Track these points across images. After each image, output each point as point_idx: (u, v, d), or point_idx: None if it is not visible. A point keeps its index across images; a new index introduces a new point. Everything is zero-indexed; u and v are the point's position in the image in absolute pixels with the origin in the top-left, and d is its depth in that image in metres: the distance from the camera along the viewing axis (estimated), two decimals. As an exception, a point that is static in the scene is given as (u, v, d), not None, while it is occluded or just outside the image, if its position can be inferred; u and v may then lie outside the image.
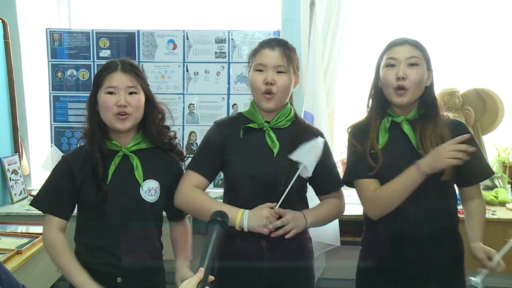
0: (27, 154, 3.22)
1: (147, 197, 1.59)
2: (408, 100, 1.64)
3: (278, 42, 1.66)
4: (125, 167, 1.59)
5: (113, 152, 1.60)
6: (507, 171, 3.01)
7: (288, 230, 1.58)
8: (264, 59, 1.63)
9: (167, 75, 3.09)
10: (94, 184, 1.54)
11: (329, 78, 3.02)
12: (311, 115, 2.87)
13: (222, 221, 1.22)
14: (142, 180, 1.59)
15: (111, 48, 3.10)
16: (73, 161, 1.59)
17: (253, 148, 1.66)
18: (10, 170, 2.95)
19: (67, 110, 3.14)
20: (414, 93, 1.64)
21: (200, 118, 3.11)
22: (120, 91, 1.55)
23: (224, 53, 3.06)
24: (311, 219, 1.66)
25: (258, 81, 1.63)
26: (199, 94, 3.10)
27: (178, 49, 3.08)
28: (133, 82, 1.57)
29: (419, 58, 1.64)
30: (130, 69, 1.58)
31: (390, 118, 1.71)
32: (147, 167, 1.61)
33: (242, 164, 1.65)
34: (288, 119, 1.70)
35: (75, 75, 3.13)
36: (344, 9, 2.98)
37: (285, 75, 1.63)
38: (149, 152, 1.64)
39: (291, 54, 1.66)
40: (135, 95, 1.57)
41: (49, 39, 3.10)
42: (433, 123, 1.66)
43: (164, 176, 1.64)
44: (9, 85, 3.01)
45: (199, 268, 1.13)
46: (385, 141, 1.69)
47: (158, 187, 1.61)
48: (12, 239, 2.24)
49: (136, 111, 1.57)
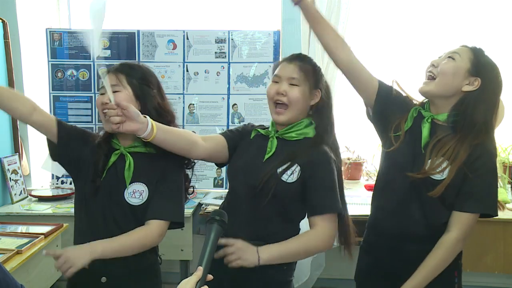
0: (27, 154, 3.22)
1: (130, 199, 1.57)
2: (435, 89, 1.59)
3: (298, 57, 1.67)
4: (120, 166, 1.59)
5: (113, 150, 1.61)
6: (507, 171, 3.00)
7: (230, 260, 1.51)
8: (280, 71, 1.64)
9: (167, 75, 3.09)
10: (90, 175, 1.57)
11: (329, 78, 3.02)
12: (311, 115, 2.86)
13: (220, 220, 1.22)
14: (129, 181, 1.57)
15: (111, 48, 3.10)
16: (93, 139, 1.64)
17: (252, 151, 1.68)
18: (10, 170, 2.94)
19: (67, 110, 3.15)
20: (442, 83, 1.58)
21: (200, 118, 3.11)
22: (108, 90, 1.51)
23: (224, 53, 3.06)
24: (267, 255, 1.51)
25: (271, 91, 1.64)
26: (199, 94, 3.10)
27: (178, 49, 3.08)
28: (116, 80, 1.56)
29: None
30: (121, 69, 1.60)
31: (419, 108, 1.66)
32: (140, 170, 1.58)
33: (235, 163, 1.69)
34: (299, 133, 1.64)
35: (75, 75, 3.13)
36: (344, 9, 2.98)
37: (297, 88, 1.61)
38: (148, 156, 1.61)
39: (310, 68, 1.64)
40: (118, 93, 1.53)
41: (49, 39, 3.11)
42: (462, 140, 1.53)
43: (155, 182, 1.59)
44: (9, 85, 3.00)
45: (198, 267, 1.13)
46: (407, 128, 1.63)
47: (145, 190, 1.58)
48: (12, 239, 2.23)
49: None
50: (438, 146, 1.56)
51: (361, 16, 3.09)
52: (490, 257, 2.64)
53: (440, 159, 1.55)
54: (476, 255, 2.66)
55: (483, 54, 1.61)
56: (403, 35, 3.14)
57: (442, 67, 1.56)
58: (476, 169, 1.54)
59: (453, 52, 1.58)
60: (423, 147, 1.60)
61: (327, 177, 1.59)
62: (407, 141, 1.63)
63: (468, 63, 1.57)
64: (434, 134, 1.59)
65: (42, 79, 3.20)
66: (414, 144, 1.62)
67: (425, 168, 1.56)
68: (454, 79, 1.56)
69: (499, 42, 3.17)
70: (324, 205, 1.58)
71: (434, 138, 1.58)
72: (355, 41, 3.04)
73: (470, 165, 1.54)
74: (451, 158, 1.53)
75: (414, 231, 1.63)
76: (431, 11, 3.18)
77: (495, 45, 3.17)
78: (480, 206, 1.58)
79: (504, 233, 2.62)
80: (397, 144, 1.61)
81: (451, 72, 1.55)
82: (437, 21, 3.18)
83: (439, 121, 1.61)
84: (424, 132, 1.60)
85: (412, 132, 1.64)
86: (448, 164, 1.54)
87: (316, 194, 1.58)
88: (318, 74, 1.67)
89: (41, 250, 2.12)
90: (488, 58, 1.62)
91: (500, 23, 3.17)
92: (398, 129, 1.64)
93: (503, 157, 3.04)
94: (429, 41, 3.16)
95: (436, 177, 1.55)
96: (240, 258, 1.51)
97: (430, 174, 1.55)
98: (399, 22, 3.18)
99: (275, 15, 3.25)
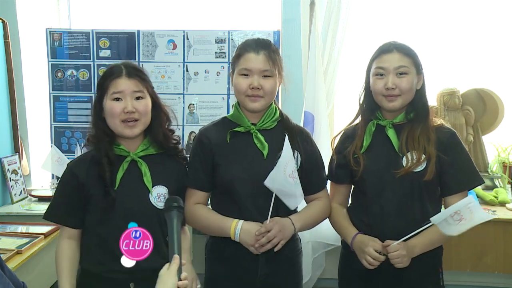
0: (27, 154, 3.22)
1: (157, 203, 1.56)
2: (400, 104, 1.68)
3: (262, 44, 1.64)
4: (134, 172, 1.57)
5: (120, 157, 1.57)
6: (507, 171, 3.00)
7: (276, 243, 1.58)
8: (249, 64, 1.61)
9: (167, 75, 3.09)
10: (102, 190, 1.52)
11: (329, 78, 3.02)
12: (311, 115, 2.87)
13: (178, 206, 1.26)
14: (151, 186, 1.56)
15: (111, 48, 3.10)
16: (78, 169, 1.57)
17: (242, 152, 1.66)
18: (10, 170, 2.94)
19: (67, 110, 3.15)
20: (405, 98, 1.68)
21: (200, 118, 3.11)
22: (127, 96, 1.52)
23: (224, 53, 3.06)
24: (299, 224, 1.66)
25: (244, 86, 1.62)
26: (199, 94, 3.10)
27: (178, 49, 3.08)
28: (139, 86, 1.55)
29: (408, 67, 1.66)
30: (135, 74, 1.56)
31: (376, 121, 1.73)
32: (156, 173, 1.59)
33: (235, 168, 1.65)
34: (274, 119, 1.69)
35: (75, 75, 3.13)
36: (344, 9, 2.97)
37: (271, 79, 1.63)
38: (157, 157, 1.62)
39: (276, 56, 1.65)
40: (142, 100, 1.55)
41: (49, 39, 3.11)
42: (421, 126, 1.67)
43: (172, 181, 1.62)
44: (9, 85, 3.01)
45: (174, 255, 1.16)
46: (367, 145, 1.71)
47: (167, 193, 1.59)
48: (12, 239, 2.23)
49: (144, 116, 1.56)
50: (409, 142, 1.66)
51: (361, 16, 3.09)
52: (490, 257, 2.65)
53: (414, 152, 1.64)
54: (476, 255, 2.66)
55: (411, 49, 1.70)
56: (403, 35, 3.13)
57: (402, 87, 1.65)
58: (452, 150, 1.67)
59: (399, 67, 1.65)
60: (398, 150, 1.67)
61: (317, 152, 1.77)
62: (377, 152, 1.71)
63: (413, 69, 1.67)
64: (399, 134, 1.69)
65: (42, 79, 3.21)
66: (387, 150, 1.69)
67: (405, 165, 1.64)
68: (413, 89, 1.68)
69: (499, 42, 3.18)
70: (322, 182, 1.78)
71: (401, 137, 1.68)
72: (355, 41, 3.05)
73: (444, 149, 1.66)
74: (423, 146, 1.64)
75: (393, 229, 1.64)
76: (431, 11, 3.19)
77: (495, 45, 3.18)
78: (467, 182, 1.70)
79: (504, 233, 2.62)
80: (360, 168, 1.69)
81: (410, 87, 1.67)
82: (437, 21, 3.18)
83: (398, 122, 1.71)
84: (392, 137, 1.69)
85: (377, 143, 1.71)
86: (422, 153, 1.64)
87: (314, 173, 1.73)
88: (280, 57, 1.68)
89: (42, 250, 2.11)
90: (413, 50, 1.71)
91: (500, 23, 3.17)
92: (354, 154, 1.73)
93: (503, 157, 3.04)
94: (429, 41, 3.16)
95: (418, 169, 1.63)
96: (283, 237, 1.59)
97: (412, 168, 1.63)
98: (399, 22, 3.18)
99: (275, 15, 3.26)
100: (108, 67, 1.60)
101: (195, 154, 1.71)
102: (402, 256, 1.55)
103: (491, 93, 3.05)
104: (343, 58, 3.02)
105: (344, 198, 1.84)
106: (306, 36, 3.07)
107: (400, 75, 1.65)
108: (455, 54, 3.18)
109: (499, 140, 3.11)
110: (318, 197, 1.76)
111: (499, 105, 3.04)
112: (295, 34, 3.09)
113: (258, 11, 3.32)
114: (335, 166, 1.79)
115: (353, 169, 1.72)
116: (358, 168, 1.69)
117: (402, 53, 1.67)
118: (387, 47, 1.70)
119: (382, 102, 1.69)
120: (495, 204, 2.83)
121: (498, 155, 3.07)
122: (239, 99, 1.67)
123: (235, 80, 1.65)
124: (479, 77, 3.17)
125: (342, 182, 1.79)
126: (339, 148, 1.79)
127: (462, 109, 3.07)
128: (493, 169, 3.06)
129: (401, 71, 1.65)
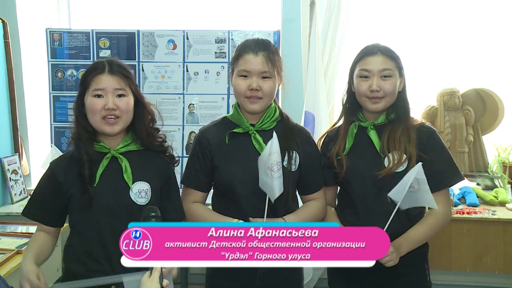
0: (27, 154, 3.22)
1: (137, 199, 1.54)
2: (383, 106, 1.70)
3: (261, 45, 1.64)
4: (114, 169, 1.54)
5: (101, 154, 1.55)
6: (507, 171, 3.00)
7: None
8: (248, 65, 1.61)
9: (167, 75, 3.09)
10: (81, 187, 1.50)
11: (329, 78, 3.02)
12: (311, 115, 2.87)
13: (156, 215, 1.26)
14: (132, 182, 1.54)
15: (111, 48, 3.10)
16: (57, 168, 1.57)
17: (241, 153, 1.67)
18: (10, 170, 2.95)
19: (67, 110, 3.14)
20: (388, 100, 1.70)
21: (200, 118, 3.11)
22: (108, 93, 1.51)
23: (224, 53, 3.06)
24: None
25: (243, 87, 1.62)
26: (199, 94, 3.09)
27: (178, 49, 3.08)
28: (121, 84, 1.53)
29: (392, 70, 1.68)
30: (118, 70, 1.54)
31: (358, 123, 1.75)
32: (137, 169, 1.56)
33: (234, 169, 1.65)
34: (273, 119, 1.70)
35: (75, 75, 3.13)
36: (344, 9, 2.98)
37: (270, 80, 1.63)
38: (139, 154, 1.60)
39: (275, 57, 1.65)
40: (123, 98, 1.53)
41: (49, 39, 3.10)
42: (402, 126, 1.70)
43: (155, 178, 1.59)
44: (9, 85, 3.01)
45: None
46: (349, 146, 1.74)
47: (148, 189, 1.56)
48: (12, 239, 2.24)
49: (126, 114, 1.54)
50: (390, 143, 1.68)
51: (361, 16, 3.10)
52: (490, 257, 2.65)
53: (395, 153, 1.66)
54: (476, 255, 2.66)
55: (394, 52, 1.72)
56: (403, 35, 3.14)
57: (386, 89, 1.67)
58: (432, 148, 1.69)
59: (383, 70, 1.68)
60: (379, 151, 1.69)
61: (316, 153, 1.79)
62: (359, 153, 1.72)
63: (396, 71, 1.70)
64: (381, 135, 1.71)
65: (42, 79, 3.20)
66: (369, 151, 1.71)
67: (387, 166, 1.66)
68: (396, 90, 1.71)
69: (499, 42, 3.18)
70: (319, 182, 1.77)
71: (382, 138, 1.70)
72: (355, 41, 3.05)
73: (424, 148, 1.68)
74: (404, 146, 1.66)
75: (402, 226, 1.67)
76: (431, 11, 3.19)
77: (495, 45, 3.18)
78: (447, 180, 1.72)
79: (504, 233, 2.62)
80: (343, 170, 1.71)
81: (393, 89, 1.69)
82: (437, 21, 3.18)
83: (379, 123, 1.74)
84: (373, 138, 1.71)
85: (360, 144, 1.73)
86: (403, 153, 1.66)
87: (312, 173, 1.74)
88: (280, 58, 1.69)
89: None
90: (395, 52, 1.73)
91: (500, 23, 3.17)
92: (338, 156, 1.74)
93: (503, 157, 3.04)
94: (429, 40, 3.16)
95: (400, 169, 1.65)
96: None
97: (394, 169, 1.65)
98: (399, 22, 3.18)
99: (275, 15, 3.26)
100: (93, 63, 1.58)
101: (194, 154, 1.72)
102: (390, 253, 1.55)
103: (491, 93, 3.05)
104: (343, 58, 3.02)
105: (331, 199, 1.85)
106: (306, 36, 3.07)
107: (385, 77, 1.67)
108: (455, 54, 3.18)
109: (499, 140, 3.11)
110: (314, 197, 1.76)
111: (499, 105, 3.04)
112: (295, 34, 3.09)
113: (258, 11, 3.32)
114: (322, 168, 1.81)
115: (337, 171, 1.73)
116: (341, 170, 1.71)
117: (386, 56, 1.69)
118: (371, 50, 1.71)
119: (365, 104, 1.72)
120: (495, 204, 2.83)
121: (498, 155, 3.07)
122: (238, 100, 1.67)
123: (234, 81, 1.66)
124: (479, 77, 3.17)
125: (328, 184, 1.81)
126: (323, 151, 1.81)
127: (462, 109, 3.07)
128: (493, 169, 3.06)
129: (385, 74, 1.67)
